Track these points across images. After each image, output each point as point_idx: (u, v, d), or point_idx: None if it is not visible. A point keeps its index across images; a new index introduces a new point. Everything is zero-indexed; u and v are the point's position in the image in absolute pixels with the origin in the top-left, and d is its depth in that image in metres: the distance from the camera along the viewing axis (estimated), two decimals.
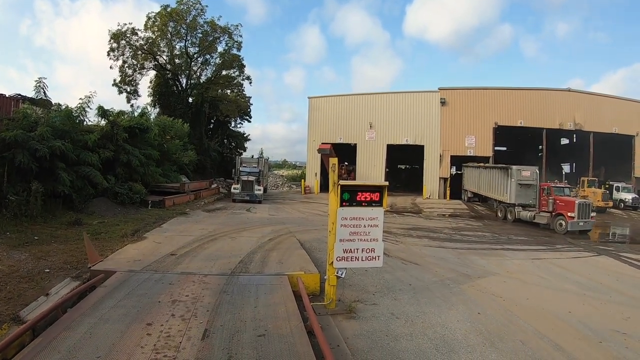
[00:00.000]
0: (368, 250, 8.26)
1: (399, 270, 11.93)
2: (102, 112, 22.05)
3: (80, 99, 20.45)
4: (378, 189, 8.34)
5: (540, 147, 51.53)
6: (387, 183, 8.76)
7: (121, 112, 23.26)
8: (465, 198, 35.77)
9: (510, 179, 25.61)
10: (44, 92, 19.11)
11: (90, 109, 20.77)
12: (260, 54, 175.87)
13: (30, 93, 19.79)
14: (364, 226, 8.19)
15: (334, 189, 8.12)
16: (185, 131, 34.73)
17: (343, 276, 8.39)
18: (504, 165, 28.46)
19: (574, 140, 49.74)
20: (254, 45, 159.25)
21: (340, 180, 8.25)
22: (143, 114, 26.22)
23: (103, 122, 22.56)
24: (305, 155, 43.30)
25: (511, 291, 10.18)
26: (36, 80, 19.25)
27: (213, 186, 34.54)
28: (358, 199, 8.16)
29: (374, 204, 8.23)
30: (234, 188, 29.70)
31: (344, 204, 8.09)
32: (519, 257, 14.77)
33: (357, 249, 8.20)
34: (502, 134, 41.40)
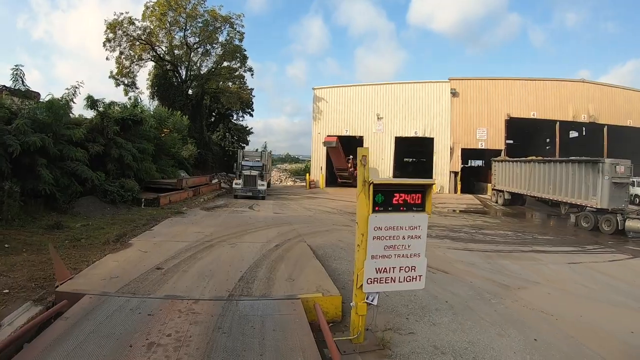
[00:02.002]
0: (407, 269, 6.14)
1: (429, 281, 9.73)
2: (92, 102, 19.96)
3: (67, 89, 18.39)
4: (420, 188, 6.24)
5: (547, 140, 49.98)
6: (432, 181, 6.64)
7: (113, 103, 21.14)
8: (499, 200, 29.95)
9: (601, 177, 19.82)
10: (22, 81, 16.90)
11: (75, 103, 18.68)
12: (261, 46, 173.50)
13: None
14: (403, 238, 6.05)
15: (364, 189, 6.02)
16: (184, 124, 32.69)
17: (375, 303, 6.30)
18: (588, 158, 21.72)
19: (583, 134, 47.67)
20: (255, 37, 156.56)
21: (373, 177, 6.13)
22: (136, 104, 23.89)
23: (93, 114, 20.52)
24: (309, 149, 41.35)
25: (560, 306, 8.40)
26: (12, 69, 16.94)
27: (214, 181, 32.49)
28: (394, 202, 6.07)
29: (415, 209, 6.14)
30: (236, 183, 27.69)
31: (377, 208, 6.00)
32: (553, 262, 12.83)
33: (394, 268, 6.08)
34: (510, 126, 39.22)
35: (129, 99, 38.26)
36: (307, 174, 39.79)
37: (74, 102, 18.53)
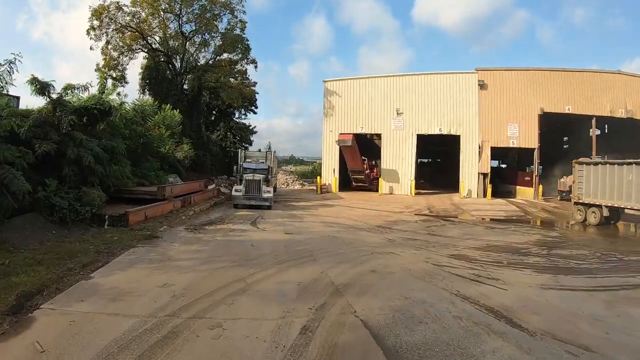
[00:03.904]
0: None
1: None
2: (40, 87, 14.28)
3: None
4: None
5: (565, 138, 44.50)
6: None
7: (70, 87, 15.36)
8: (592, 218, 20.09)
9: None
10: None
11: (12, 85, 13.09)
12: (263, 46, 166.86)
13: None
14: None
15: None
16: (176, 119, 27.04)
17: None
18: None
19: (606, 131, 41.90)
20: (257, 35, 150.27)
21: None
22: (103, 90, 17.89)
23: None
24: (313, 150, 36.00)
25: None
26: None
27: (210, 187, 26.75)
28: None
29: None
30: (236, 190, 21.99)
31: None
32: None
33: None
34: (543, 122, 33.53)
35: (118, 94, 32.70)
36: (318, 177, 34.03)
37: (10, 84, 12.96)
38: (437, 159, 48.41)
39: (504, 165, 44.59)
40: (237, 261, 9.99)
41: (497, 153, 36.42)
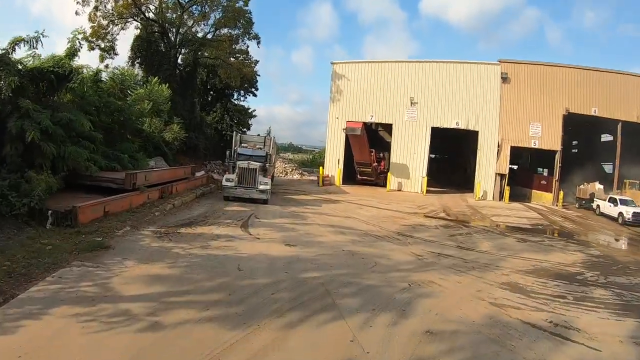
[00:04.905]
0: None
1: None
2: None
3: None
4: None
5: (574, 142, 41.39)
6: None
7: (17, 40, 11.68)
8: None
9: None
10: None
11: None
12: (266, 31, 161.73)
13: None
14: None
15: None
16: (164, 95, 23.35)
17: None
18: None
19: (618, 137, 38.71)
20: (260, 19, 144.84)
21: None
22: (74, 52, 13.91)
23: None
24: (312, 139, 33.24)
25: None
26: None
27: (198, 174, 23.06)
28: None
29: None
30: (227, 179, 18.34)
31: None
32: None
33: None
34: (567, 124, 30.24)
35: (106, 67, 28.82)
36: (320, 168, 30.49)
37: None
38: (445, 154, 44.82)
39: (514, 167, 41.33)
40: (211, 305, 6.52)
41: (511, 153, 33.23)
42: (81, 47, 14.49)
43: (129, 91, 19.99)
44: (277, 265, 9.07)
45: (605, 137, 41.06)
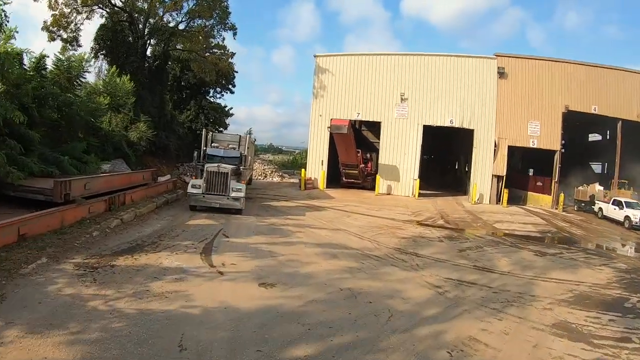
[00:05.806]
0: None
1: None
2: None
3: None
4: None
5: (562, 142, 39.73)
6: None
7: None
8: None
9: None
10: None
11: None
12: (246, 30, 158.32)
13: None
14: None
15: None
16: (126, 87, 20.18)
17: None
18: None
19: (607, 137, 37.07)
20: (240, 18, 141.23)
21: None
22: None
23: None
24: (293, 140, 30.87)
25: None
26: None
27: (162, 179, 19.81)
28: None
29: None
30: (193, 185, 15.33)
31: None
32: None
33: None
34: (566, 122, 28.22)
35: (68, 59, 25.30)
36: (302, 170, 27.62)
37: None
38: (435, 154, 42.24)
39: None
40: None
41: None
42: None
43: (78, 81, 16.78)
44: (245, 332, 5.98)
45: (593, 137, 39.66)
